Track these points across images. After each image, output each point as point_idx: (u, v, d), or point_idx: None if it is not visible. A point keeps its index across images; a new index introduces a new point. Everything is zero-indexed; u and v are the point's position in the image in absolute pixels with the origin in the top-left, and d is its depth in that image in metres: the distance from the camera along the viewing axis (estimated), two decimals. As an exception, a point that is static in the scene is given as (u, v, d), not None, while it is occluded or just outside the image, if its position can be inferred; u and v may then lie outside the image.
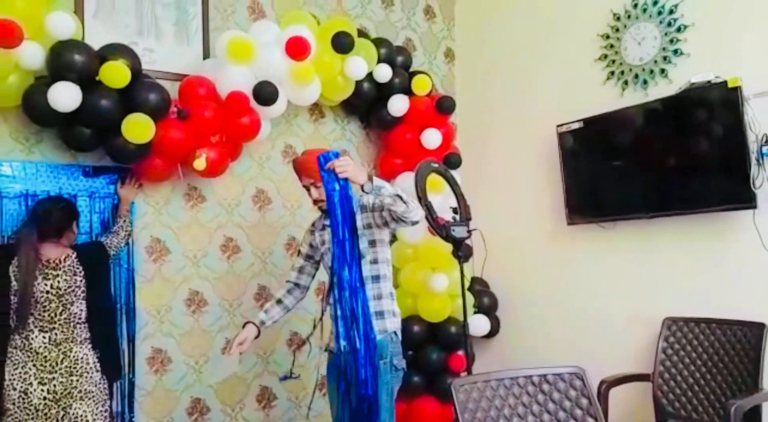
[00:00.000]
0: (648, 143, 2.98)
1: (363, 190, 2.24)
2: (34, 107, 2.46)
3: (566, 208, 3.30)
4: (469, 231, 3.00)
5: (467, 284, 3.13)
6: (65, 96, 2.40)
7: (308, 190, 2.41)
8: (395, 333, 2.38)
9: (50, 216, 2.43)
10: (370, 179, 2.18)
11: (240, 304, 3.21)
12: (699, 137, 2.75)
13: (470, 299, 3.40)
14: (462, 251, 2.99)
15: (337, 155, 2.25)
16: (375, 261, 2.37)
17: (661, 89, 2.97)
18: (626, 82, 3.14)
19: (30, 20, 2.35)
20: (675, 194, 2.85)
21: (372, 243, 2.37)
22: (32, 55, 2.38)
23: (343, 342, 2.25)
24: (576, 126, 3.23)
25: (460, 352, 3.38)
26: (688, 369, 2.73)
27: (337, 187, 2.24)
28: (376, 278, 2.37)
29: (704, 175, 2.75)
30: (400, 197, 2.20)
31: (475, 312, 3.54)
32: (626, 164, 3.08)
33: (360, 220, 2.33)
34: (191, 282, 3.07)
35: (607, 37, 3.23)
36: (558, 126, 3.31)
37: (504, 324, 3.70)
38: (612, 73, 3.21)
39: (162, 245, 3.00)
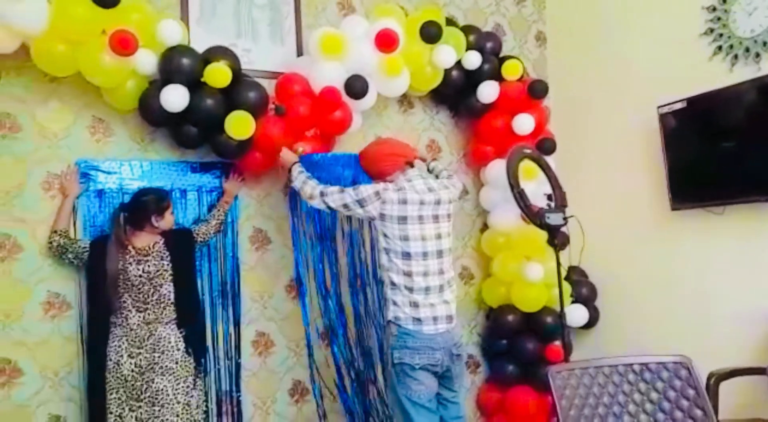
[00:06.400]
0: (763, 121, 2.76)
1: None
2: (148, 109, 2.67)
3: (669, 192, 3.14)
4: (565, 219, 2.94)
5: (564, 273, 3.06)
6: (175, 97, 2.58)
7: None
8: (392, 322, 2.40)
9: (133, 208, 2.63)
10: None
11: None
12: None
13: (567, 288, 3.33)
14: (558, 239, 2.93)
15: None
16: (381, 251, 2.50)
17: (776, 62, 2.76)
18: (736, 57, 2.93)
19: (143, 29, 2.55)
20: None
21: (381, 233, 2.47)
22: (146, 61, 2.58)
23: None
24: (679, 106, 3.05)
25: (557, 343, 3.31)
26: (811, 364, 2.53)
27: None
28: (382, 267, 2.50)
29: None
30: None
31: (572, 302, 3.45)
32: (738, 144, 2.87)
33: None
34: (290, 270, 3.21)
35: (714, 9, 3.02)
36: (659, 107, 3.14)
37: (603, 314, 3.58)
38: (719, 47, 3.00)
39: (263, 235, 3.16)
